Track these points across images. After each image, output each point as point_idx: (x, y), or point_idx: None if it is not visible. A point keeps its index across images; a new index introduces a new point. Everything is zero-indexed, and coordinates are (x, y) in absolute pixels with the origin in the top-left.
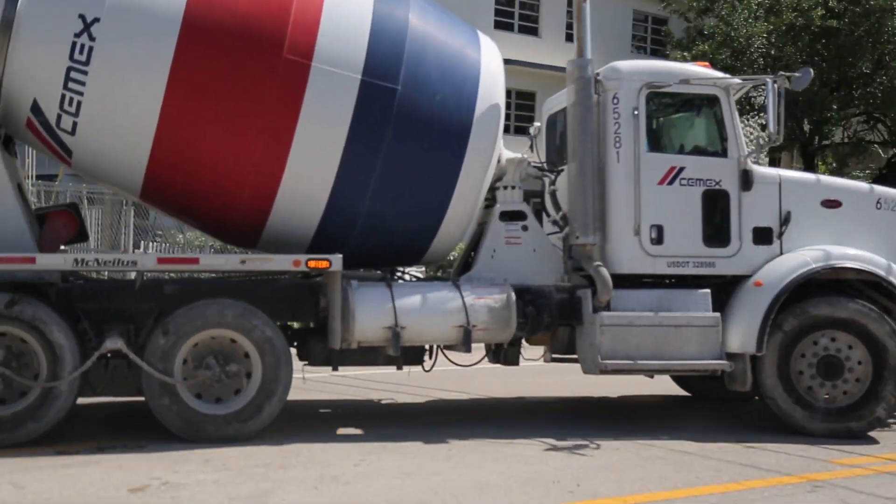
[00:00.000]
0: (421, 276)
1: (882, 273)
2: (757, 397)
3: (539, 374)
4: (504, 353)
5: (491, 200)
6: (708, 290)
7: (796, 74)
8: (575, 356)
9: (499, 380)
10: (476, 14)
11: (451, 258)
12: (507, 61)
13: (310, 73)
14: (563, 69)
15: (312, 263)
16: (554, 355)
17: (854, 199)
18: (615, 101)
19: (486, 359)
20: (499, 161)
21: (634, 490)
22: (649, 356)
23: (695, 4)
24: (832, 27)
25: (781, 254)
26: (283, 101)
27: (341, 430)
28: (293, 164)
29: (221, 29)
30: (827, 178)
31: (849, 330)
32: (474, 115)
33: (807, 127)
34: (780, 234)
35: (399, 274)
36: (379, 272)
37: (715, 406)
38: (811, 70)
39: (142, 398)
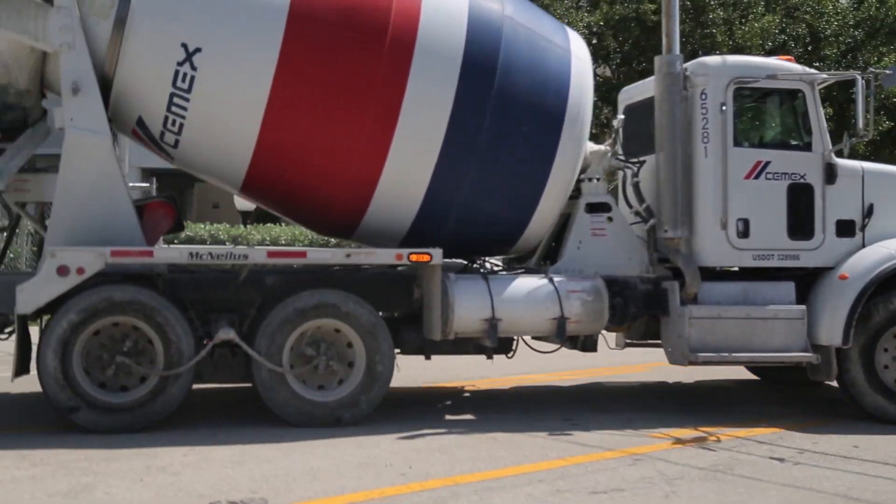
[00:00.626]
0: (500, 264)
1: None
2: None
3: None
4: (582, 341)
5: (575, 192)
6: (792, 283)
7: (886, 71)
8: (651, 342)
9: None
10: None
11: None
12: None
13: (412, 61)
14: None
15: (414, 257)
16: (627, 341)
17: None
18: (703, 96)
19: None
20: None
21: (465, 470)
22: (737, 348)
23: None
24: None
25: (864, 246)
26: (385, 94)
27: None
28: (393, 160)
29: (321, 42)
30: None
31: None
32: (567, 104)
33: None
34: (863, 227)
35: (478, 263)
36: (462, 262)
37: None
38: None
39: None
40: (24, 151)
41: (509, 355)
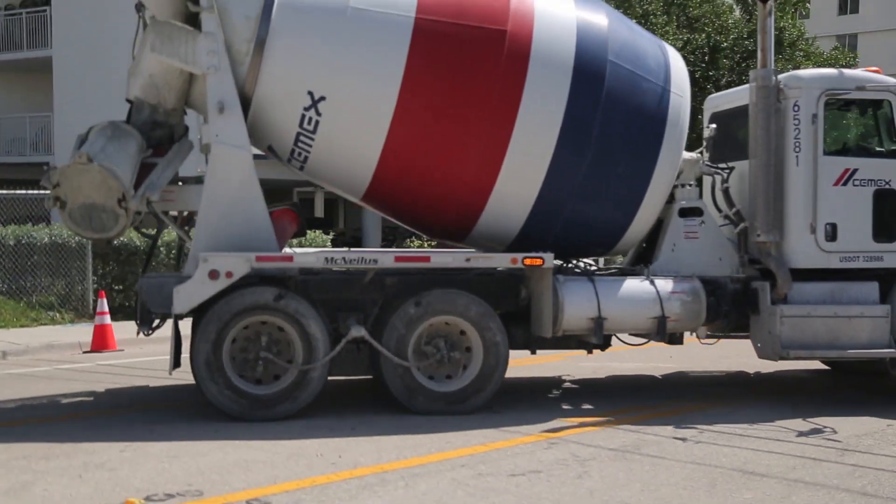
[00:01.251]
0: (593, 264)
1: None
2: None
3: None
4: (671, 335)
5: (669, 197)
6: (876, 283)
7: None
8: (735, 335)
9: None
10: None
11: None
12: None
13: (528, 71)
14: None
15: (528, 261)
16: (709, 333)
17: None
18: (795, 107)
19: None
20: None
21: (392, 458)
22: (825, 345)
23: None
24: None
25: None
26: (502, 106)
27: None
28: (507, 168)
29: (441, 66)
30: None
31: None
32: (668, 110)
33: None
34: None
35: (573, 263)
36: (559, 262)
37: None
38: None
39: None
40: (173, 165)
41: (605, 350)
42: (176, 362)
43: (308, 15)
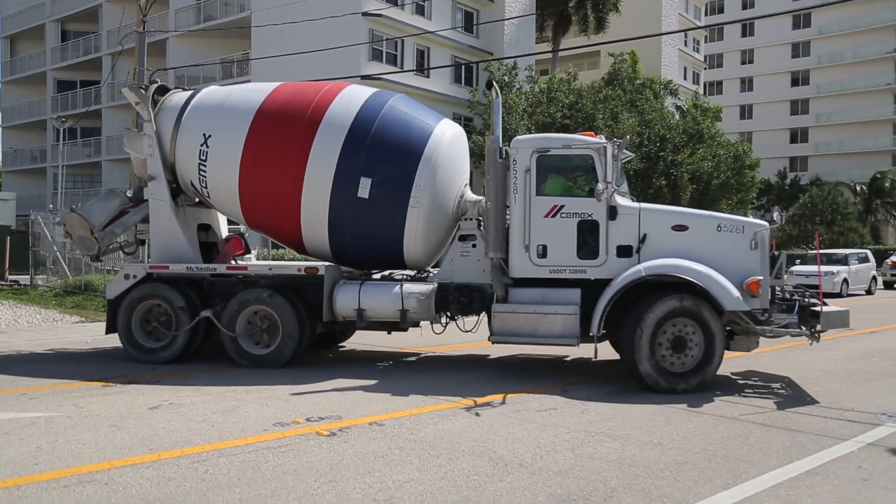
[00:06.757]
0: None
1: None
2: None
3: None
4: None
5: (458, 229)
6: (579, 289)
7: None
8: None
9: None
10: None
11: None
12: None
13: (317, 132)
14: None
15: (308, 270)
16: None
17: (699, 223)
18: (514, 162)
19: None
20: (462, 200)
21: (461, 398)
22: (524, 335)
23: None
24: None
25: (639, 262)
26: (299, 151)
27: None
28: (306, 190)
29: (269, 125)
30: (676, 208)
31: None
32: (418, 168)
33: None
34: (639, 249)
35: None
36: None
37: None
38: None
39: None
40: (141, 212)
41: (406, 330)
42: (111, 328)
43: (201, 113)
